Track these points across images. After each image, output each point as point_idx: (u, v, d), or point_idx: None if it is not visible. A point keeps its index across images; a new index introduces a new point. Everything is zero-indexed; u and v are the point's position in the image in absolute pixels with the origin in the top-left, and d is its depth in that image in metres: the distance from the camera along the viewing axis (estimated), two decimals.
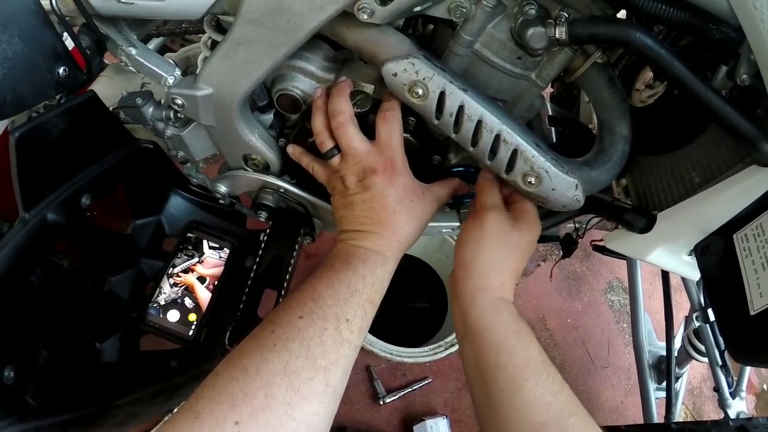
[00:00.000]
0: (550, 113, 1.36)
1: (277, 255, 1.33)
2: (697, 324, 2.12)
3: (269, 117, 1.25)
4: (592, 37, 0.92)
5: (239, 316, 1.28)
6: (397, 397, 2.48)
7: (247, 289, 1.28)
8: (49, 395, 1.23)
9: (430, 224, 1.23)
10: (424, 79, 0.99)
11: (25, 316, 1.20)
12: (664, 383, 2.14)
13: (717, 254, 1.09)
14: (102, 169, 1.27)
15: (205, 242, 1.51)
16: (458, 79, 1.01)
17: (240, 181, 1.33)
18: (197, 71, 1.08)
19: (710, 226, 1.09)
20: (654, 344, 2.41)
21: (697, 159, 1.09)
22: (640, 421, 2.26)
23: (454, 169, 1.27)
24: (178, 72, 1.11)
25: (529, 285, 3.03)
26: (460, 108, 1.01)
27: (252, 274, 1.30)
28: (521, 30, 0.96)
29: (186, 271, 1.49)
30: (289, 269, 1.33)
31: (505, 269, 1.08)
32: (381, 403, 2.46)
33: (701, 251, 1.13)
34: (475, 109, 1.01)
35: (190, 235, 1.52)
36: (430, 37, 1.12)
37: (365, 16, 0.92)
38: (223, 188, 1.34)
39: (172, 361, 1.49)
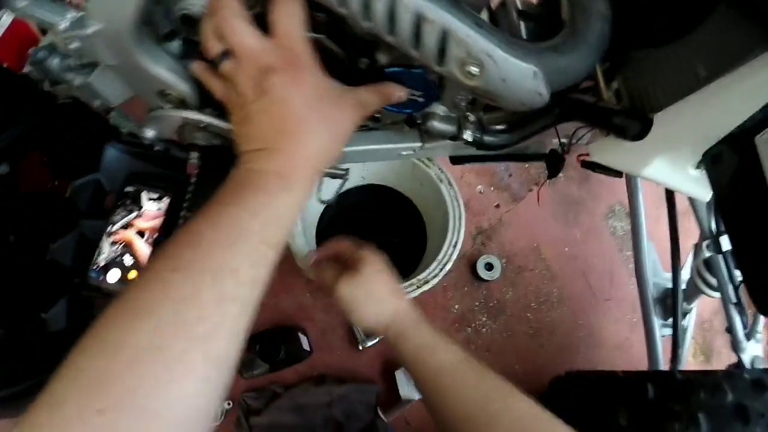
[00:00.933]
0: (519, 6, 1.18)
1: (208, 195, 1.33)
2: (707, 254, 1.97)
3: (178, 44, 1.14)
4: None
5: None
6: (377, 340, 2.45)
7: None
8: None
9: (385, 146, 1.14)
10: None
11: None
12: (671, 320, 2.06)
13: (733, 164, 0.97)
14: (15, 135, 1.27)
15: (143, 194, 1.51)
16: None
17: (163, 121, 1.25)
18: None
19: (722, 129, 0.96)
20: (660, 276, 2.30)
21: (704, 48, 0.97)
22: (645, 359, 2.20)
23: (387, 70, 1.10)
24: (72, 14, 1.03)
25: (520, 211, 2.92)
26: None
27: (180, 221, 1.31)
28: None
29: (125, 227, 1.49)
30: None
31: (397, 292, 1.41)
32: (360, 348, 2.44)
33: (712, 161, 1.01)
34: None
35: (128, 189, 1.53)
36: None
37: None
38: (150, 132, 1.26)
39: None
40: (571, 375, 2.36)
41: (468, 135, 1.26)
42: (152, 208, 1.50)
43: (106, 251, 1.47)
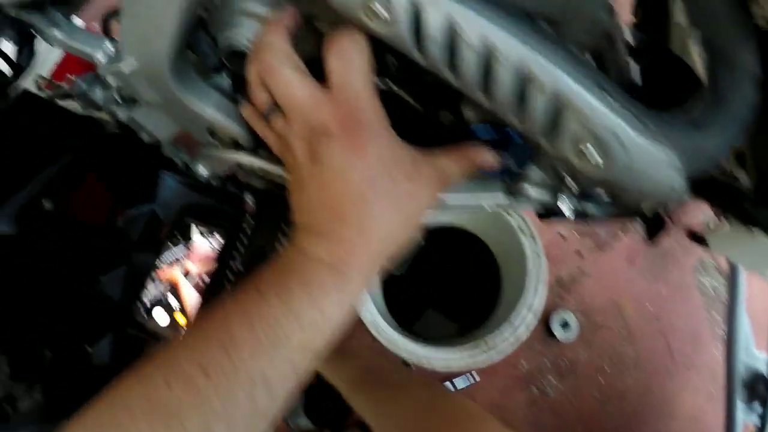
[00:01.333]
0: (628, 39, 0.97)
1: (260, 247, 1.28)
2: None
3: (227, 79, 1.04)
4: None
5: None
6: None
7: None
8: (41, 400, 1.27)
9: (463, 196, 0.98)
10: None
11: (12, 323, 1.22)
12: (756, 404, 1.98)
13: None
14: (60, 168, 1.25)
15: (194, 229, 1.48)
16: None
17: (215, 160, 1.17)
18: None
19: None
20: (751, 355, 2.13)
21: None
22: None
23: (475, 130, 0.91)
24: (108, 45, 0.99)
25: (603, 260, 2.79)
26: (451, 29, 0.69)
27: (229, 273, 1.28)
28: None
29: (172, 263, 1.47)
30: None
31: None
32: None
33: None
34: (476, 26, 0.68)
35: (184, 222, 1.51)
36: None
37: None
38: (203, 170, 1.21)
39: None
40: None
41: (565, 207, 1.04)
42: (203, 245, 1.47)
43: (152, 288, 1.46)
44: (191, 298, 1.43)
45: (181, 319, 1.43)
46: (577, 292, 2.70)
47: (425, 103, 0.91)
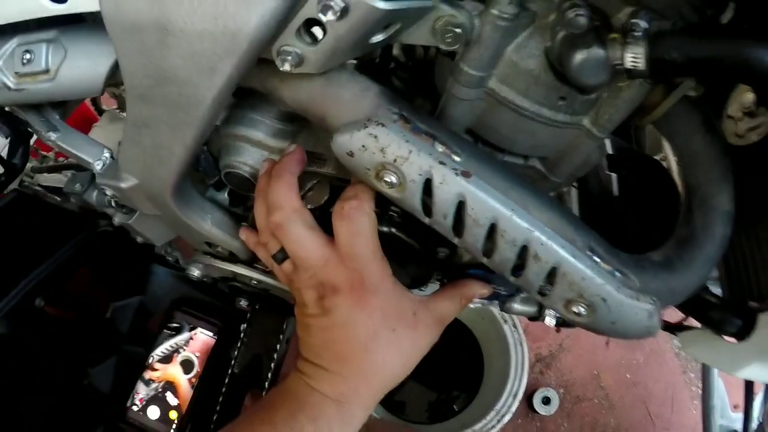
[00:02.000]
0: (610, 152, 1.05)
1: (257, 354, 1.31)
2: None
3: (224, 195, 1.13)
4: (694, 64, 0.63)
5: (215, 423, 1.30)
6: None
7: (224, 391, 1.27)
8: None
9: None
10: (395, 160, 0.73)
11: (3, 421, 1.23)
12: None
13: None
14: (53, 266, 1.28)
15: (186, 325, 1.49)
16: (460, 149, 0.75)
17: (210, 267, 1.24)
18: None
19: None
20: (727, 417, 2.20)
21: None
22: None
23: (471, 271, 1.00)
24: (106, 154, 1.03)
25: (581, 335, 2.84)
26: (460, 205, 0.74)
27: (226, 378, 1.29)
28: (564, 54, 0.68)
29: (168, 359, 1.48)
30: (272, 368, 1.30)
31: None
32: None
33: None
34: (485, 206, 0.73)
35: (174, 316, 1.52)
36: (431, 64, 0.87)
37: (290, 66, 0.69)
38: (195, 272, 1.27)
39: None
40: None
41: (549, 320, 1.16)
42: (198, 341, 1.49)
43: (147, 384, 1.46)
44: (187, 394, 1.44)
45: (173, 415, 1.44)
46: (557, 367, 2.75)
47: (424, 242, 0.96)
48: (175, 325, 1.49)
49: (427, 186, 0.74)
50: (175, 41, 0.66)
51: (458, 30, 0.70)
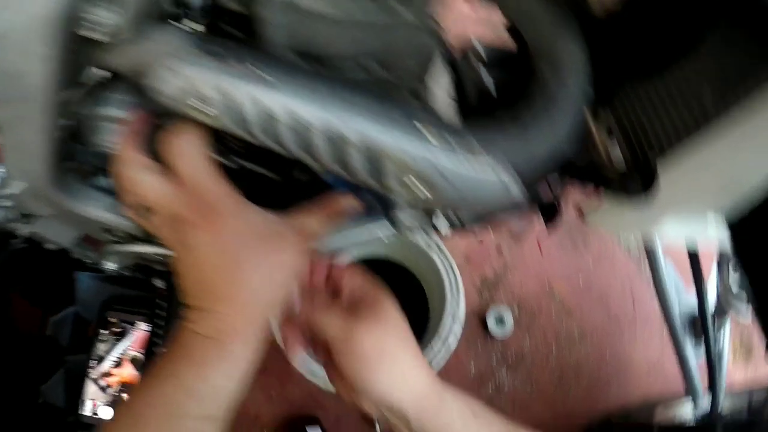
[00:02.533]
0: (483, 54, 1.02)
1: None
2: (736, 274, 1.94)
3: (107, 180, 1.09)
4: None
5: None
6: None
7: None
8: None
9: (359, 235, 1.07)
10: (194, 85, 0.76)
11: None
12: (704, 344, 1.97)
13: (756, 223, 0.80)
14: None
15: (128, 326, 1.52)
16: (267, 66, 0.77)
17: (119, 253, 1.25)
18: None
19: (745, 179, 0.76)
20: (684, 298, 2.22)
21: (707, 69, 0.79)
22: (681, 377, 2.16)
23: (332, 183, 0.99)
24: (0, 170, 1.03)
25: (525, 250, 2.84)
26: (262, 110, 0.76)
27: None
28: None
29: (119, 364, 1.51)
30: None
31: (420, 358, 1.00)
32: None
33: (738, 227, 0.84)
34: (280, 101, 0.75)
35: (108, 317, 1.54)
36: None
37: (101, 35, 0.72)
38: (111, 265, 1.27)
39: None
40: (603, 427, 2.38)
41: (442, 224, 1.11)
42: (135, 334, 1.52)
43: (104, 394, 1.49)
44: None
45: None
46: (506, 287, 2.76)
47: (281, 169, 0.98)
48: (115, 329, 1.52)
49: (228, 101, 0.76)
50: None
51: None
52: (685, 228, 0.90)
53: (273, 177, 0.98)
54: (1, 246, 1.37)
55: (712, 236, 0.91)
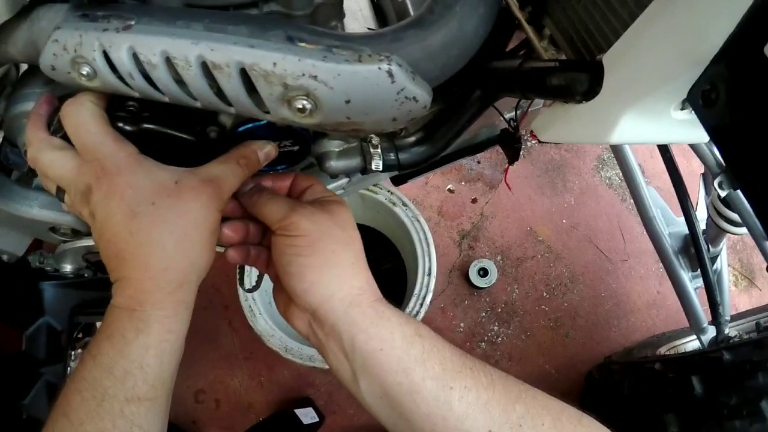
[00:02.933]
0: None
1: None
2: (722, 192, 1.77)
3: None
4: None
5: None
6: None
7: None
8: None
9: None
10: (76, 50, 0.75)
11: None
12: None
13: (739, 96, 0.68)
14: None
15: (97, 324, 1.56)
16: (136, 15, 0.76)
17: (70, 253, 1.27)
18: None
19: (705, 47, 0.67)
20: (674, 224, 2.18)
21: None
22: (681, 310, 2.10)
23: (238, 131, 0.93)
24: None
25: (501, 198, 2.81)
26: (134, 57, 0.74)
27: None
28: None
29: None
30: None
31: (358, 260, 0.92)
32: None
33: (704, 100, 0.71)
34: (150, 44, 0.73)
35: (78, 322, 1.57)
36: None
37: None
38: (68, 266, 1.30)
39: None
40: (604, 371, 2.28)
41: (377, 163, 1.08)
42: None
43: None
44: None
45: None
46: (485, 237, 2.73)
47: (187, 127, 0.91)
48: (80, 335, 1.53)
49: (107, 57, 0.75)
50: None
51: None
52: (644, 128, 0.81)
53: (184, 137, 0.91)
54: None
55: (680, 136, 0.84)
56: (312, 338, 0.92)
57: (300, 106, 0.74)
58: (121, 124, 0.85)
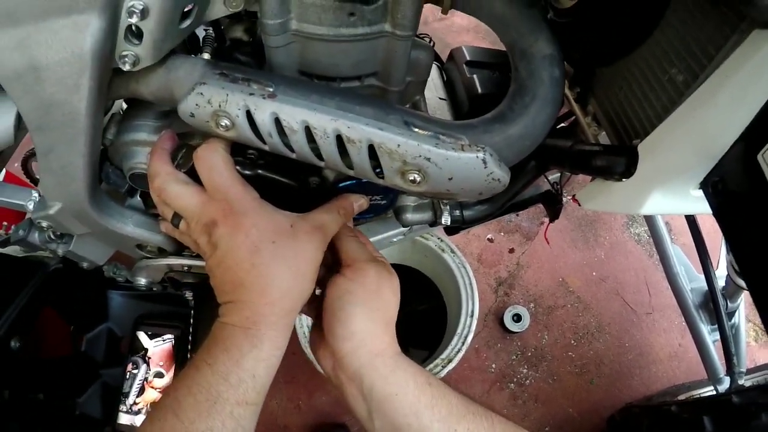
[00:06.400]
0: (468, 57, 1.22)
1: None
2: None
3: (139, 199, 1.25)
4: None
5: None
6: None
7: None
8: None
9: (372, 238, 1.15)
10: (220, 105, 0.90)
11: None
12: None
13: (738, 190, 0.88)
14: (18, 309, 1.40)
15: (146, 339, 1.67)
16: (274, 83, 0.92)
17: (150, 269, 1.37)
18: None
19: (718, 146, 0.88)
20: (696, 280, 2.32)
21: (672, 49, 0.91)
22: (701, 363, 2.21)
23: (339, 186, 1.13)
24: (35, 194, 1.17)
25: (536, 249, 2.96)
26: (276, 121, 0.90)
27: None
28: None
29: (142, 390, 1.61)
30: None
31: (393, 321, 1.06)
32: None
33: (712, 189, 0.92)
34: (293, 113, 0.89)
35: (138, 333, 1.66)
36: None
37: (130, 66, 0.86)
38: (142, 280, 1.41)
39: None
40: (625, 414, 2.41)
41: (446, 219, 1.27)
42: (158, 349, 1.60)
43: (134, 416, 1.57)
44: None
45: None
46: (520, 285, 2.86)
47: (294, 176, 1.12)
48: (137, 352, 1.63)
49: (249, 117, 0.91)
50: (46, 74, 0.81)
51: None
52: (669, 203, 1.01)
53: (291, 183, 1.11)
54: (38, 267, 1.48)
55: (697, 210, 1.02)
56: (333, 378, 1.05)
57: (412, 179, 0.92)
58: (240, 168, 1.03)
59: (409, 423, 0.95)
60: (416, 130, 0.91)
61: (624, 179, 0.99)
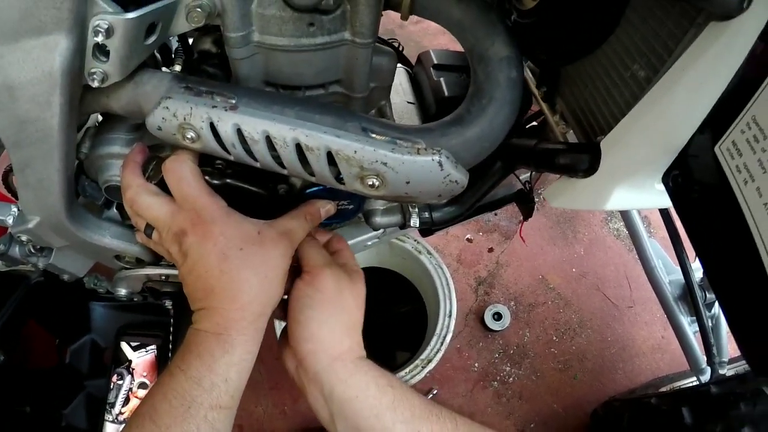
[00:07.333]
0: (435, 61, 1.27)
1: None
2: None
3: (115, 211, 1.27)
4: None
5: None
6: None
7: None
8: None
9: (353, 240, 1.18)
10: (185, 118, 0.95)
11: None
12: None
13: (696, 182, 0.90)
14: (1, 323, 1.43)
15: (129, 350, 1.70)
16: (236, 94, 0.96)
17: (130, 279, 1.41)
18: None
19: (678, 139, 0.90)
20: (674, 273, 2.35)
21: (633, 45, 0.94)
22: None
23: (308, 192, 1.18)
24: (14, 209, 1.20)
25: (515, 248, 3.00)
26: (238, 132, 0.95)
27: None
28: None
29: (127, 401, 1.65)
30: None
31: (355, 326, 1.10)
32: None
33: (672, 182, 0.94)
34: (254, 124, 0.94)
35: (121, 343, 1.69)
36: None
37: (98, 83, 0.89)
38: (123, 290, 1.44)
39: None
40: (607, 408, 2.45)
41: (414, 221, 1.32)
42: (141, 359, 1.63)
43: (119, 426, 1.61)
44: None
45: None
46: (500, 284, 2.90)
47: (262, 184, 1.16)
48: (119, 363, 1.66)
49: (213, 129, 0.95)
50: (19, 92, 0.86)
51: (199, 9, 0.91)
52: (634, 197, 1.04)
53: (259, 192, 1.16)
54: (20, 280, 1.51)
55: (663, 204, 1.05)
56: (297, 380, 1.11)
57: (371, 183, 0.97)
58: (208, 178, 1.08)
59: (372, 425, 0.99)
60: (374, 136, 0.96)
61: (587, 176, 1.02)
